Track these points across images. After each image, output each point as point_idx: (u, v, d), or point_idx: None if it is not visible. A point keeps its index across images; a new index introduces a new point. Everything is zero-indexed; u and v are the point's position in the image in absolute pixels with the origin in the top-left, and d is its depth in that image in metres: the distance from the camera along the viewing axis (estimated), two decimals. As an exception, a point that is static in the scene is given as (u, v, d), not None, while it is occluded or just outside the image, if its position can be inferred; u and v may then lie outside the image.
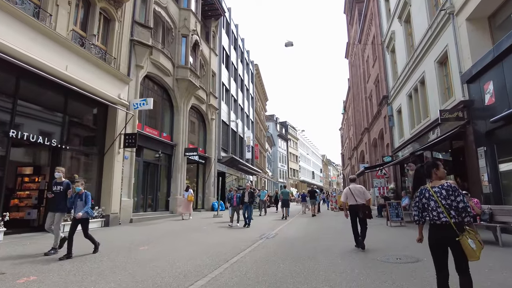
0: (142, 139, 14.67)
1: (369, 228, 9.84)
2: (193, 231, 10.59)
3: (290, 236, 9.59)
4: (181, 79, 17.55)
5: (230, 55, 28.36)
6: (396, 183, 19.57)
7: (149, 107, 13.13)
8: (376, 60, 24.29)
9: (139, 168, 14.66)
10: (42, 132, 9.68)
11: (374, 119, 25.81)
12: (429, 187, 3.49)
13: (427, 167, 3.63)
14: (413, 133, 15.67)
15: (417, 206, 3.49)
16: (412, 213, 3.59)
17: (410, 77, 15.82)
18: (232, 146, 27.73)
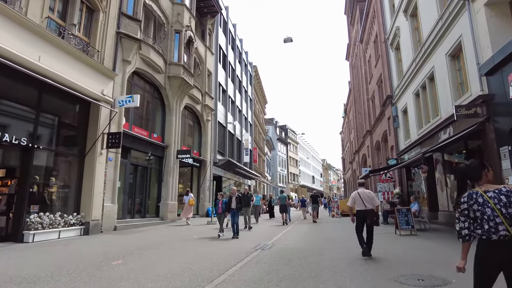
0: (129, 139, 13.63)
1: (377, 237, 8.90)
2: (180, 241, 9.48)
3: (288, 247, 8.48)
4: (173, 77, 16.53)
5: (228, 55, 27.42)
6: (401, 188, 18.47)
7: (135, 104, 12.09)
8: (378, 60, 23.34)
9: (126, 171, 13.58)
10: (8, 129, 8.60)
11: (377, 121, 24.78)
12: (481, 191, 2.55)
13: (475, 167, 2.72)
14: (421, 133, 14.62)
15: (466, 215, 2.56)
16: (456, 227, 2.60)
17: (417, 74, 14.82)
18: (229, 149, 26.66)
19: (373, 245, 6.95)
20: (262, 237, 10.57)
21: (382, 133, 23.26)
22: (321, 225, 15.21)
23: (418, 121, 15.28)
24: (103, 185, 11.30)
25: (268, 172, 53.97)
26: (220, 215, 10.56)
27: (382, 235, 10.52)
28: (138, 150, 14.50)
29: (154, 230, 12.33)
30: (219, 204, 10.55)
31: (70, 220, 9.89)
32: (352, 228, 12.33)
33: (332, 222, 16.84)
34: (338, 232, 12.02)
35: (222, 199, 10.62)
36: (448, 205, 11.91)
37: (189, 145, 20.00)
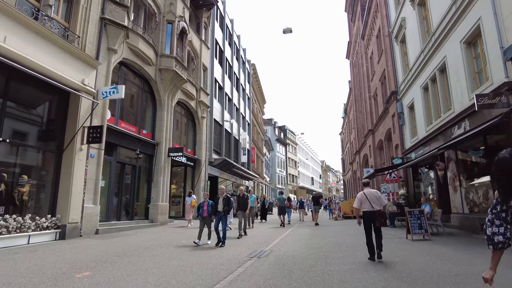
0: (115, 135, 12.56)
1: (387, 243, 7.76)
2: (166, 247, 8.40)
3: (289, 254, 7.42)
4: (165, 70, 15.48)
5: (224, 51, 26.40)
6: (407, 189, 17.43)
7: (120, 95, 11.02)
8: (382, 55, 22.36)
9: (111, 170, 12.50)
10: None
11: (380, 119, 23.77)
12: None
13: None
14: (430, 130, 13.61)
15: (503, 218, 2.12)
16: (487, 231, 2.13)
17: (426, 66, 13.82)
18: (226, 148, 25.60)
19: (387, 253, 6.45)
20: (258, 242, 9.49)
21: (386, 131, 22.24)
22: (324, 229, 14.14)
23: (427, 117, 14.27)
24: (83, 184, 10.21)
25: (267, 173, 52.90)
26: (205, 219, 8.85)
27: (392, 240, 9.48)
28: (125, 147, 13.42)
29: (140, 234, 11.24)
30: (204, 206, 8.96)
31: (43, 223, 8.80)
32: (357, 231, 11.25)
33: (334, 225, 15.77)
34: (343, 236, 10.96)
35: (208, 201, 9.06)
36: (463, 207, 10.87)
37: (183, 143, 18.91)
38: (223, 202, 8.82)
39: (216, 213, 8.76)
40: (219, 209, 8.77)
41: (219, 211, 8.75)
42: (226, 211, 8.80)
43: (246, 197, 11.11)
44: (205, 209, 8.87)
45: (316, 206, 16.59)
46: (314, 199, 16.94)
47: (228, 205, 8.83)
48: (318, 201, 16.85)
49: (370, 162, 29.24)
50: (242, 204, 11.07)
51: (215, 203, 8.88)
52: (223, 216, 8.78)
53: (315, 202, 16.67)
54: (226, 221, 8.97)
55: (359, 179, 37.45)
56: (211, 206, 8.84)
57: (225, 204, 8.80)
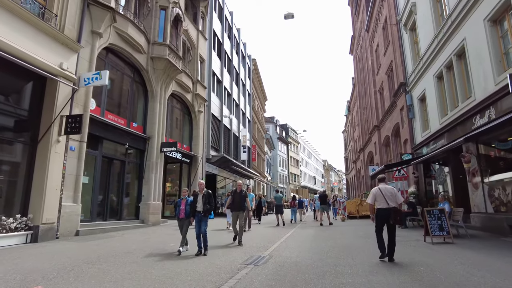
0: (101, 127, 11.49)
1: (404, 246, 7.35)
2: (149, 252, 7.30)
3: (291, 261, 6.30)
4: (157, 58, 14.38)
5: (223, 43, 25.29)
6: (418, 186, 16.28)
7: (103, 82, 9.93)
8: (388, 46, 21.21)
9: (96, 165, 11.41)
10: None
11: (387, 114, 22.61)
12: None
13: None
14: (445, 122, 12.46)
15: None
16: None
17: (440, 53, 12.67)
18: (224, 145, 24.50)
19: (407, 259, 5.94)
20: (255, 246, 8.38)
21: (393, 126, 21.08)
22: (329, 229, 13.00)
23: (441, 108, 13.11)
24: (60, 180, 9.12)
25: (268, 172, 51.80)
26: (182, 221, 7.26)
27: (408, 243, 8.35)
28: (112, 140, 12.34)
29: (127, 236, 10.15)
30: (181, 205, 7.28)
31: (11, 224, 7.73)
32: (367, 232, 10.21)
33: (340, 226, 14.63)
34: (351, 238, 9.83)
35: (187, 198, 7.43)
36: (486, 205, 9.71)
37: (178, 138, 17.82)
38: (203, 200, 7.11)
39: (195, 214, 7.13)
40: (198, 208, 7.09)
41: (199, 211, 7.09)
42: (207, 211, 7.10)
43: (244, 194, 8.71)
44: (182, 208, 7.23)
45: (324, 205, 15.43)
46: (321, 198, 15.77)
47: (209, 203, 7.15)
48: (325, 200, 15.66)
49: (375, 159, 28.09)
50: (238, 202, 8.64)
51: (194, 200, 7.20)
52: (203, 217, 7.10)
53: (322, 201, 15.50)
54: (206, 223, 7.17)
55: (363, 178, 36.31)
56: (190, 205, 7.25)
57: (205, 203, 7.11)
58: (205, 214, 7.10)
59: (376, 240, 6.40)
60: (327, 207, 15.94)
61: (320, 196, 16.87)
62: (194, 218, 7.15)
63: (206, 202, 7.11)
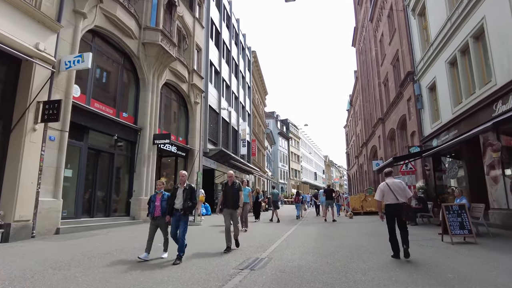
0: (86, 116, 10.60)
1: (422, 248, 6.64)
2: (131, 253, 6.42)
3: (293, 265, 5.42)
4: (149, 44, 13.44)
5: (221, 33, 24.28)
6: (426, 181, 15.38)
7: (86, 65, 9.02)
8: (394, 34, 20.20)
9: (81, 157, 10.51)
10: None
11: (392, 106, 21.64)
12: None
13: None
14: (459, 111, 11.53)
15: None
16: None
17: (454, 36, 11.71)
18: (223, 139, 23.58)
19: (430, 264, 5.21)
20: (252, 245, 7.51)
21: (399, 119, 20.13)
22: (333, 227, 12.13)
23: (454, 96, 12.18)
24: (37, 173, 8.23)
25: (269, 167, 50.93)
26: (157, 220, 5.96)
27: (424, 243, 7.47)
28: (99, 131, 11.43)
29: (113, 234, 9.29)
30: (156, 200, 6.00)
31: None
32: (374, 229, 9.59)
33: (345, 223, 13.75)
34: (358, 236, 8.94)
35: (163, 193, 6.11)
36: (508, 201, 8.81)
37: (173, 131, 16.91)
38: (184, 196, 5.81)
39: (173, 212, 5.83)
40: (176, 205, 5.80)
41: (177, 208, 5.79)
42: (188, 209, 5.80)
43: (237, 188, 6.90)
44: (157, 205, 5.95)
45: (329, 200, 14.52)
46: (326, 193, 14.83)
47: (191, 200, 5.84)
48: (331, 195, 14.71)
49: (379, 154, 27.17)
50: (231, 198, 6.86)
51: (173, 195, 5.91)
52: (183, 217, 5.79)
53: (328, 196, 14.57)
54: (185, 224, 5.84)
55: (365, 173, 35.43)
56: (167, 201, 6.00)
57: (187, 199, 5.79)
58: (185, 212, 5.79)
59: (388, 239, 5.83)
60: (332, 202, 15.06)
61: (326, 190, 15.98)
62: (170, 217, 5.83)
63: (188, 198, 5.80)
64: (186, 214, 5.84)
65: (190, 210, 5.86)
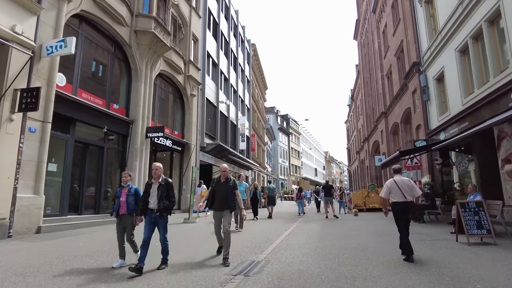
0: (72, 107, 9.93)
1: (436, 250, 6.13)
2: (112, 256, 5.77)
3: (293, 270, 4.78)
4: (142, 32, 12.72)
5: (220, 23, 23.49)
6: (433, 176, 14.71)
7: (68, 50, 8.32)
8: (398, 25, 19.44)
9: (67, 150, 9.84)
10: None
11: (395, 99, 20.93)
12: None
13: None
14: (470, 102, 10.83)
15: None
16: None
17: (465, 22, 10.97)
18: (221, 133, 22.91)
19: (450, 270, 4.65)
20: (249, 246, 6.86)
21: (403, 112, 19.43)
22: (335, 225, 11.48)
23: (464, 86, 11.47)
24: (15, 167, 7.57)
25: (269, 163, 50.29)
26: (123, 220, 5.01)
27: (437, 243, 6.81)
28: (87, 123, 10.75)
29: (97, 233, 8.65)
30: (121, 196, 5.03)
31: None
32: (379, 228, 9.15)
33: (348, 220, 13.10)
34: (363, 235, 8.28)
35: (130, 186, 5.14)
36: (525, 197, 8.14)
37: (168, 124, 16.23)
38: (159, 193, 4.79)
39: (146, 212, 4.84)
40: (151, 205, 4.80)
41: (152, 209, 4.80)
42: (164, 209, 4.77)
43: (232, 186, 5.52)
44: (122, 200, 4.99)
45: (328, 197, 13.92)
46: (325, 189, 14.21)
47: (169, 198, 4.84)
48: (330, 192, 14.11)
49: (382, 148, 26.51)
50: (223, 198, 5.45)
51: (146, 193, 4.89)
52: (159, 219, 4.80)
53: (327, 192, 13.95)
54: (165, 227, 4.90)
55: (367, 169, 34.79)
56: (134, 196, 5.02)
57: (162, 196, 4.76)
58: (162, 213, 4.76)
59: (398, 238, 5.50)
60: (331, 199, 14.49)
61: (324, 187, 15.37)
62: (142, 218, 4.89)
63: (164, 196, 4.78)
64: (163, 216, 4.84)
65: (167, 210, 4.86)
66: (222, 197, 5.44)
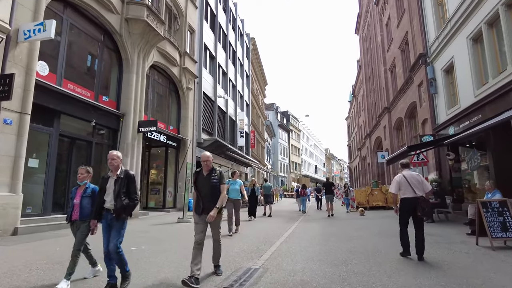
0: (56, 98, 9.21)
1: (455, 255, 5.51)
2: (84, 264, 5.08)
3: (295, 281, 4.08)
4: (133, 20, 11.98)
5: (217, 15, 22.69)
6: (440, 173, 14.02)
7: (47, 35, 7.59)
8: (403, 16, 18.67)
9: (51, 145, 9.12)
10: None
11: (400, 93, 20.19)
12: None
13: None
14: (484, 93, 10.11)
15: None
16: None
17: (478, 7, 10.22)
18: (219, 129, 22.19)
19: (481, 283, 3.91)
20: (245, 250, 6.15)
21: (407, 107, 18.70)
22: (338, 224, 10.80)
23: (477, 76, 10.73)
24: (-13, 163, 6.87)
25: (268, 160, 49.60)
26: (76, 226, 4.01)
27: (454, 246, 6.12)
28: (74, 115, 10.02)
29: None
30: (75, 196, 4.04)
31: None
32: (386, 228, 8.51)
33: (351, 219, 12.43)
34: (370, 236, 7.59)
35: (88, 185, 4.13)
36: (549, 195, 7.43)
37: (163, 119, 15.51)
38: (116, 188, 3.72)
39: (101, 215, 3.83)
40: (106, 204, 3.76)
41: (108, 209, 3.75)
42: (122, 210, 3.67)
43: (217, 179, 4.35)
44: (75, 203, 3.99)
45: (329, 195, 13.26)
46: (326, 187, 13.56)
47: (129, 195, 3.77)
48: (331, 189, 13.47)
49: (384, 145, 25.80)
50: (207, 194, 4.32)
51: (101, 189, 3.85)
52: (115, 222, 3.69)
53: (328, 190, 13.29)
54: (120, 232, 3.72)
55: (369, 166, 34.11)
56: (91, 198, 4.01)
57: (120, 193, 3.69)
58: (119, 215, 3.65)
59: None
60: (332, 196, 13.90)
61: (325, 184, 14.73)
62: (95, 222, 3.85)
63: (123, 192, 3.70)
64: (121, 218, 3.68)
65: (126, 211, 3.70)
66: (206, 194, 4.28)
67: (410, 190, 5.25)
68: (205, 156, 4.39)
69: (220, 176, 4.41)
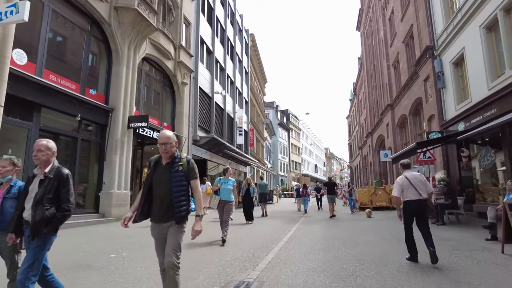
0: (37, 90, 8.48)
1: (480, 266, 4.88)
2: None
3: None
4: (123, 9, 11.24)
5: (215, 9, 21.93)
6: (448, 172, 13.29)
7: (20, 17, 6.83)
8: (407, 8, 17.95)
9: (30, 141, 8.35)
10: None
11: (404, 89, 19.46)
12: None
13: None
14: (498, 86, 9.39)
15: None
16: None
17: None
18: (217, 127, 21.45)
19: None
20: (239, 258, 5.42)
21: (412, 103, 17.97)
22: (342, 226, 10.07)
23: (491, 67, 10.00)
24: (-49, 159, 6.13)
25: (268, 159, 48.86)
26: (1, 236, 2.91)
27: (475, 254, 5.39)
28: (56, 109, 9.28)
29: (60, 239, 7.21)
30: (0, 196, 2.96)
31: None
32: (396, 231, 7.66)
33: (356, 220, 11.70)
34: (378, 241, 6.86)
35: (13, 183, 3.08)
36: None
37: (156, 115, 14.77)
38: (40, 191, 2.72)
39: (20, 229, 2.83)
40: (25, 215, 2.75)
41: (27, 221, 2.74)
42: (42, 223, 2.63)
43: (182, 171, 2.89)
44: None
45: (332, 195, 12.56)
46: (328, 186, 12.87)
47: (60, 203, 2.75)
48: (333, 189, 12.80)
49: (387, 143, 25.08)
50: (165, 196, 2.85)
51: (25, 191, 2.84)
52: (33, 242, 2.67)
53: (329, 190, 12.60)
54: (40, 252, 2.67)
55: (370, 165, 33.41)
56: (15, 199, 3.02)
57: (43, 199, 2.67)
58: (38, 231, 2.64)
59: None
60: (334, 196, 13.22)
61: (327, 184, 14.04)
62: (13, 237, 2.82)
63: (47, 198, 2.70)
64: (41, 233, 2.65)
65: (47, 225, 2.67)
66: (164, 194, 2.85)
67: (414, 191, 5.02)
68: (164, 136, 2.89)
69: (189, 166, 2.94)
